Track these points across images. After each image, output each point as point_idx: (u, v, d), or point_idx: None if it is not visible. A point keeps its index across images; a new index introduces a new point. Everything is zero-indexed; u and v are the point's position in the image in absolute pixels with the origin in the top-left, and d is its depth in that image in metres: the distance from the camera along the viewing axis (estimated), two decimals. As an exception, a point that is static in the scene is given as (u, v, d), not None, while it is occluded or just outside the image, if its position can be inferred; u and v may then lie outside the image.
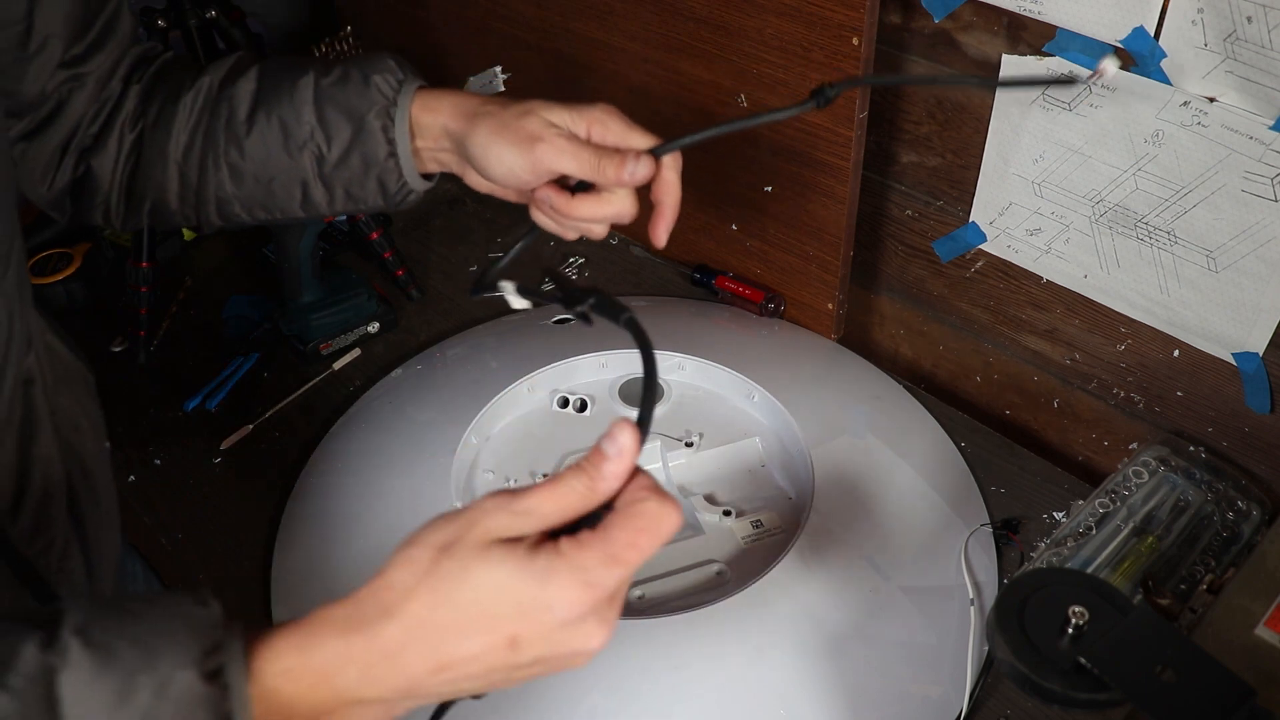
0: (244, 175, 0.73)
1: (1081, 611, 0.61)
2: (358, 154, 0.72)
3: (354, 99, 0.71)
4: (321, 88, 0.72)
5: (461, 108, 0.71)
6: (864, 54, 0.90)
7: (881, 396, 1.04)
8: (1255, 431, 0.90)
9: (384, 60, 0.72)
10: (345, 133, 0.71)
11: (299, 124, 0.71)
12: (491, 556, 0.43)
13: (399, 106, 0.71)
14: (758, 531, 0.91)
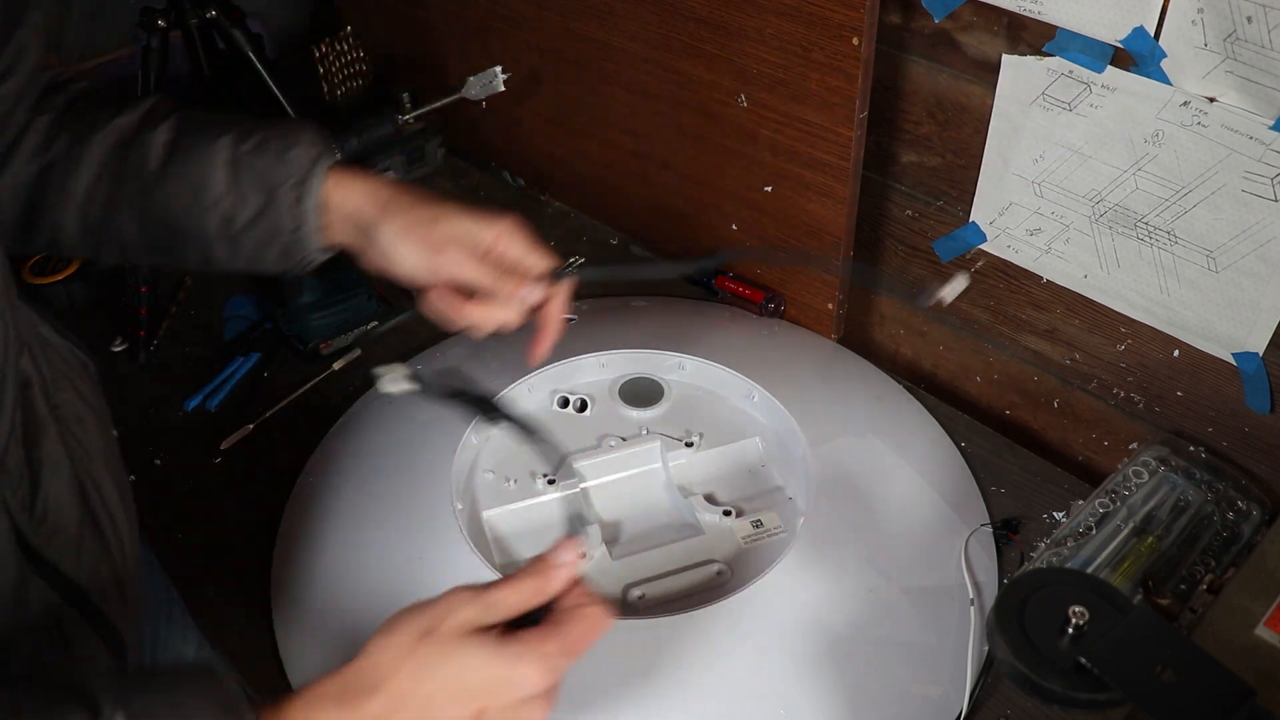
0: (148, 224, 0.72)
1: (1081, 611, 0.61)
2: (265, 223, 0.72)
3: (270, 169, 0.71)
4: (239, 153, 0.71)
5: (374, 195, 0.72)
6: (864, 54, 0.90)
7: (881, 396, 1.04)
8: (1255, 431, 0.90)
9: (304, 132, 0.73)
10: (256, 201, 0.71)
11: (211, 185, 0.71)
12: (470, 643, 0.52)
13: (312, 182, 0.71)
14: (758, 531, 0.91)
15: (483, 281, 0.71)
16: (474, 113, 1.33)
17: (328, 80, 1.36)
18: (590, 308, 1.14)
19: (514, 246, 0.73)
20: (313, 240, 0.73)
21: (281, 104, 1.17)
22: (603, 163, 1.24)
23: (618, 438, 0.97)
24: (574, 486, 0.94)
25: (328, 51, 1.35)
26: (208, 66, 1.19)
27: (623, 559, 0.88)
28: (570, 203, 1.33)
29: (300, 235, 0.72)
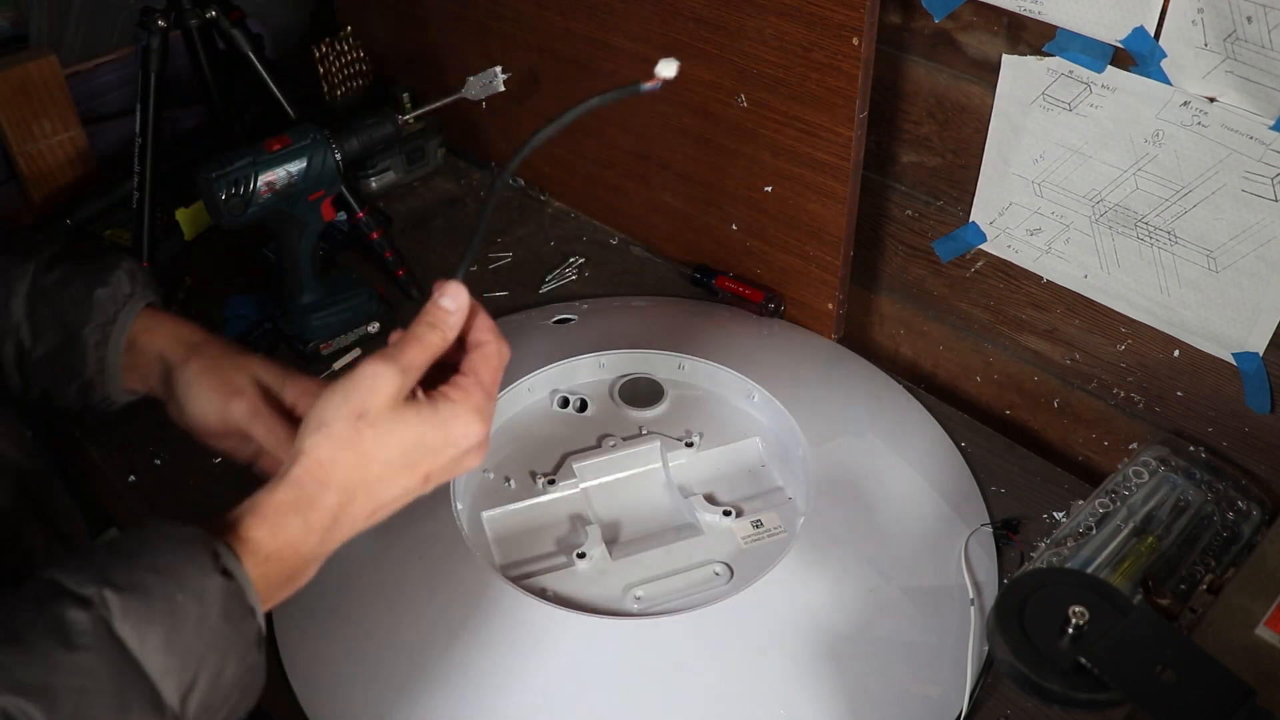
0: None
1: (1081, 611, 0.61)
2: (63, 362, 0.69)
3: (71, 307, 0.68)
4: (40, 285, 0.69)
5: (181, 337, 0.70)
6: (864, 54, 0.90)
7: (881, 396, 1.04)
8: (1255, 431, 0.90)
9: (114, 271, 0.70)
10: (54, 338, 0.69)
11: (7, 313, 0.68)
12: (405, 417, 0.55)
13: (117, 326, 0.69)
14: (758, 531, 0.91)
15: (268, 439, 0.67)
16: (474, 113, 1.33)
17: (328, 80, 1.36)
18: (590, 308, 1.14)
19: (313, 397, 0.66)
20: (114, 383, 0.70)
21: (281, 104, 1.17)
22: (603, 163, 1.24)
23: (618, 438, 0.97)
24: (574, 487, 0.94)
25: (328, 51, 1.35)
26: (208, 66, 1.19)
27: (623, 559, 0.88)
28: (570, 203, 1.33)
29: (102, 379, 0.70)
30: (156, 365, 0.70)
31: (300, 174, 1.00)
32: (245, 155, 0.99)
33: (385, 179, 1.36)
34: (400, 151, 1.35)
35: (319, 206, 1.04)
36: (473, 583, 0.82)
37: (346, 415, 0.54)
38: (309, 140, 1.01)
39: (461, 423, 0.56)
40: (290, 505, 0.54)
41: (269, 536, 0.54)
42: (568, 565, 0.88)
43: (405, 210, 1.34)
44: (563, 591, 0.86)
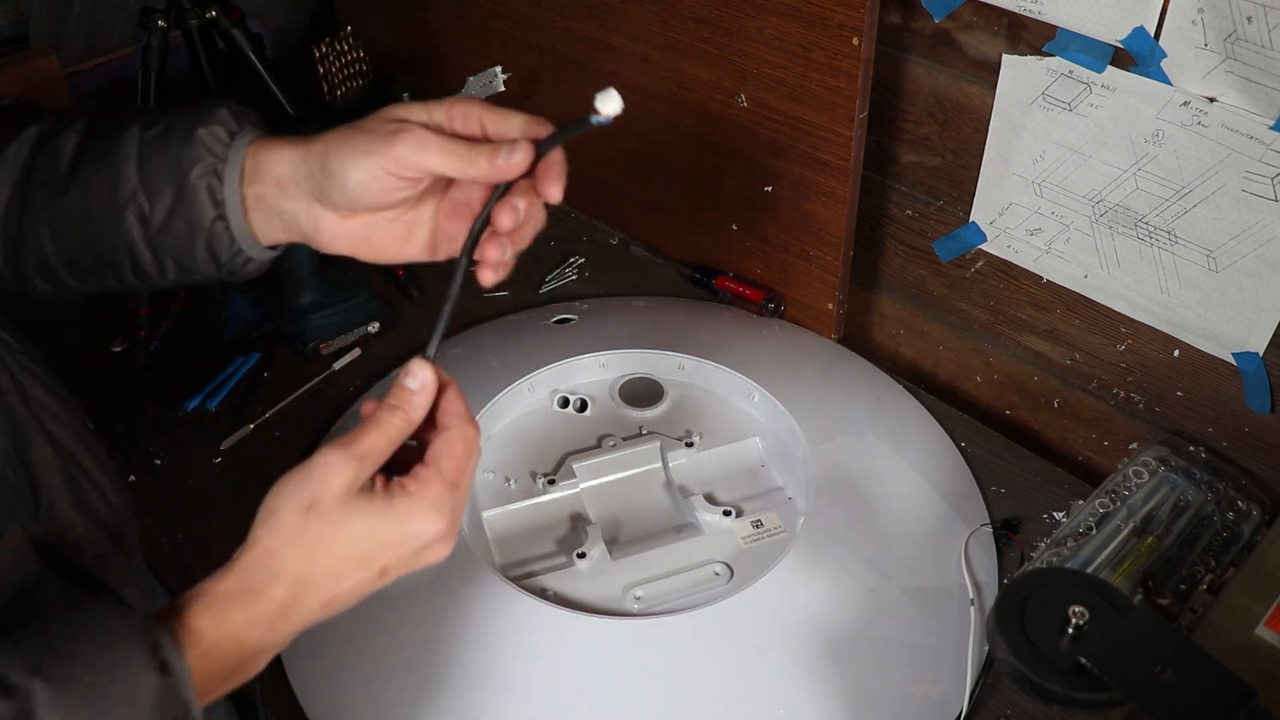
0: (65, 236, 0.64)
1: (1082, 611, 0.61)
2: (182, 218, 0.63)
3: (177, 155, 0.62)
4: (145, 141, 0.63)
5: (304, 141, 0.61)
6: (864, 54, 0.90)
7: (881, 396, 1.04)
8: (1255, 431, 0.90)
9: (215, 110, 0.63)
10: (168, 194, 0.62)
11: (122, 181, 0.63)
12: (358, 510, 0.52)
13: (229, 164, 0.62)
14: (758, 531, 0.91)
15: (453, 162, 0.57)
16: (474, 113, 1.33)
17: (328, 80, 1.36)
18: (590, 308, 1.14)
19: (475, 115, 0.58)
20: (241, 230, 0.63)
21: (282, 104, 1.17)
22: (603, 163, 1.24)
23: (618, 438, 0.97)
24: (574, 486, 0.94)
25: (328, 51, 1.35)
26: (208, 66, 1.19)
27: (623, 559, 0.88)
28: (570, 203, 1.33)
29: (225, 225, 0.63)
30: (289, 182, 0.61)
31: (300, 174, 1.00)
32: (245, 155, 0.98)
33: (385, 179, 1.36)
34: (400, 151, 1.35)
35: (319, 206, 1.04)
36: (473, 583, 0.82)
37: (295, 506, 0.52)
38: (309, 140, 1.01)
39: (419, 518, 0.53)
40: (236, 595, 0.52)
41: (213, 626, 0.51)
42: (568, 565, 0.88)
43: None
44: (563, 591, 0.86)
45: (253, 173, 0.62)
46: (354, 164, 0.57)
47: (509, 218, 0.57)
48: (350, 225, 0.61)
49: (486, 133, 0.58)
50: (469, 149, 0.56)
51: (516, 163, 0.57)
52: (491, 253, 0.59)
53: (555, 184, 0.60)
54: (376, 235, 0.61)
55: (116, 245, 0.64)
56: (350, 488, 0.52)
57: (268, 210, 0.62)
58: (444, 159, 0.56)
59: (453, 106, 0.58)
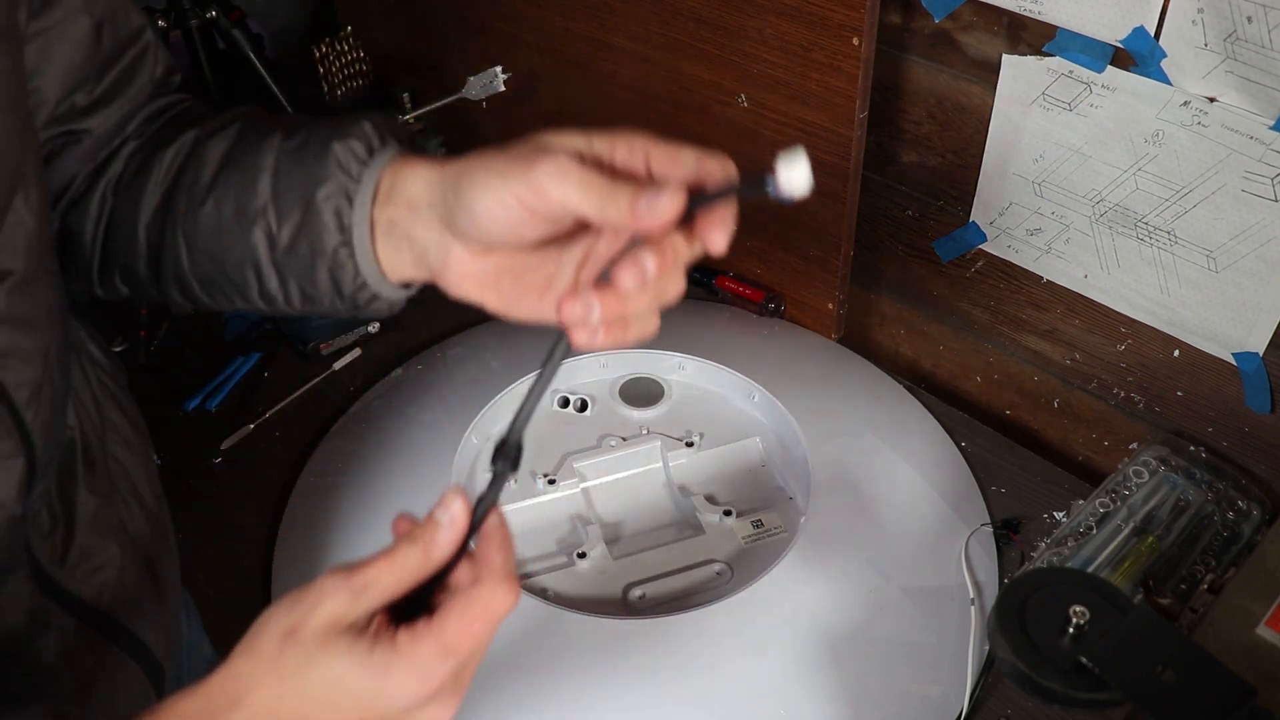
0: (196, 250, 0.60)
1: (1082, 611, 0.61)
2: (306, 240, 0.57)
3: (309, 171, 0.56)
4: (282, 153, 0.58)
5: (445, 160, 0.54)
6: (864, 54, 0.90)
7: (881, 396, 1.04)
8: (1255, 431, 0.90)
9: (357, 123, 0.56)
10: (296, 213, 0.57)
11: (254, 195, 0.58)
12: (334, 648, 0.44)
13: (362, 184, 0.55)
14: (758, 531, 0.91)
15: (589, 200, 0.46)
16: (474, 113, 1.33)
17: (328, 80, 1.36)
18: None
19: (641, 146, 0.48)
20: (368, 261, 0.56)
21: (282, 104, 1.17)
22: (603, 163, 1.24)
23: (618, 438, 0.97)
24: (574, 486, 0.94)
25: (328, 51, 1.35)
26: (208, 66, 1.19)
27: (623, 559, 0.88)
28: (570, 203, 1.33)
29: (349, 254, 0.56)
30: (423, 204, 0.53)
31: (300, 174, 1.00)
32: (245, 155, 0.99)
33: (385, 179, 1.36)
34: (400, 152, 1.35)
35: (319, 206, 1.04)
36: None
37: (278, 630, 0.45)
38: (309, 140, 1.01)
39: (397, 677, 0.45)
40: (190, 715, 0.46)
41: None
42: (568, 565, 0.88)
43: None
44: (563, 591, 0.86)
45: (388, 193, 0.55)
46: (485, 187, 0.49)
47: (632, 276, 0.45)
48: (481, 265, 0.52)
49: (651, 170, 0.48)
50: (611, 187, 0.46)
51: (660, 213, 0.45)
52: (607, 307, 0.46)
53: (717, 229, 0.47)
54: (510, 282, 0.53)
55: (243, 263, 0.59)
56: (337, 621, 0.45)
57: (398, 237, 0.55)
58: (582, 194, 0.46)
59: (618, 137, 0.49)
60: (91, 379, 0.63)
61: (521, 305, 0.54)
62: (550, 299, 0.52)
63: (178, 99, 0.66)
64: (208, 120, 0.62)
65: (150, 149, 0.61)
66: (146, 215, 0.61)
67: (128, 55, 0.61)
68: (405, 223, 0.54)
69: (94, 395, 0.63)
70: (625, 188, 0.46)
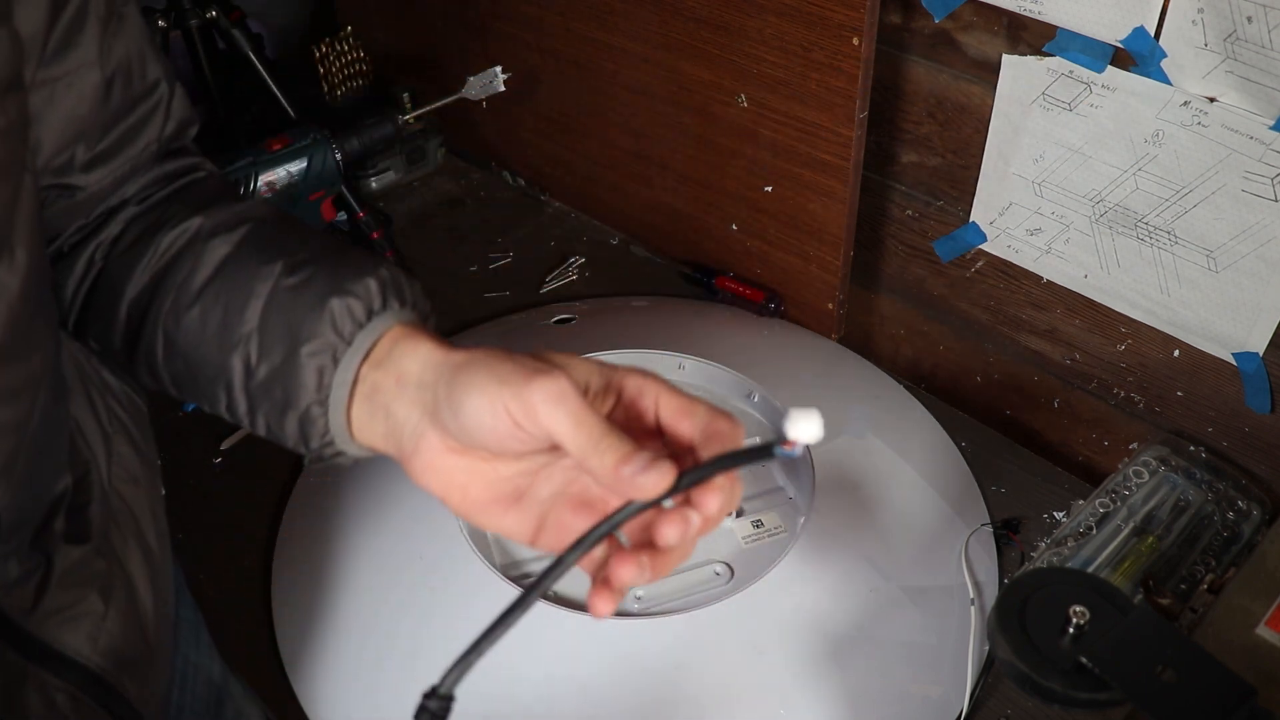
0: (174, 350, 0.58)
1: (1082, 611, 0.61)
2: (281, 386, 0.54)
3: (301, 318, 0.53)
4: (279, 288, 0.54)
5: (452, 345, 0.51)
6: (864, 54, 0.90)
7: (881, 396, 1.04)
8: (1255, 431, 0.90)
9: (363, 278, 0.53)
10: (278, 354, 0.54)
11: (241, 320, 0.55)
12: None
13: (352, 348, 0.52)
14: (758, 531, 0.91)
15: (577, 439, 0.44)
16: (474, 113, 1.33)
17: (328, 80, 1.36)
18: (590, 308, 1.14)
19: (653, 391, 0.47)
20: (338, 422, 0.53)
21: (282, 104, 1.17)
22: (603, 163, 1.24)
23: (618, 438, 0.97)
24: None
25: (328, 51, 1.35)
26: (208, 66, 1.19)
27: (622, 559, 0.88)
28: (570, 203, 1.33)
29: (323, 413, 0.53)
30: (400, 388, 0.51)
31: (301, 174, 1.01)
32: (246, 155, 0.99)
33: (385, 179, 1.36)
34: (400, 151, 1.36)
35: (319, 206, 1.05)
36: (473, 583, 0.82)
37: None
38: (309, 140, 1.01)
39: None
40: None
41: None
42: (568, 565, 0.87)
43: (405, 210, 1.34)
44: (563, 591, 0.86)
45: (382, 359, 0.52)
46: (479, 389, 0.46)
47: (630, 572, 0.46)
48: (453, 462, 0.49)
49: (659, 420, 0.47)
50: (603, 435, 0.44)
51: (644, 485, 0.44)
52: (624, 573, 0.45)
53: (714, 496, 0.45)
54: (477, 487, 0.50)
55: (217, 379, 0.57)
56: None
57: (377, 406, 0.52)
58: (572, 430, 0.44)
59: (632, 374, 0.47)
60: (100, 409, 0.61)
61: (484, 514, 0.51)
62: (515, 515, 0.50)
63: (191, 164, 0.63)
64: (216, 208, 0.59)
65: (150, 224, 0.59)
66: (133, 292, 0.59)
67: (137, 112, 0.58)
68: (389, 394, 0.51)
69: (102, 428, 0.60)
70: (618, 443, 0.44)
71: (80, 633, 0.56)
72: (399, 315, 0.53)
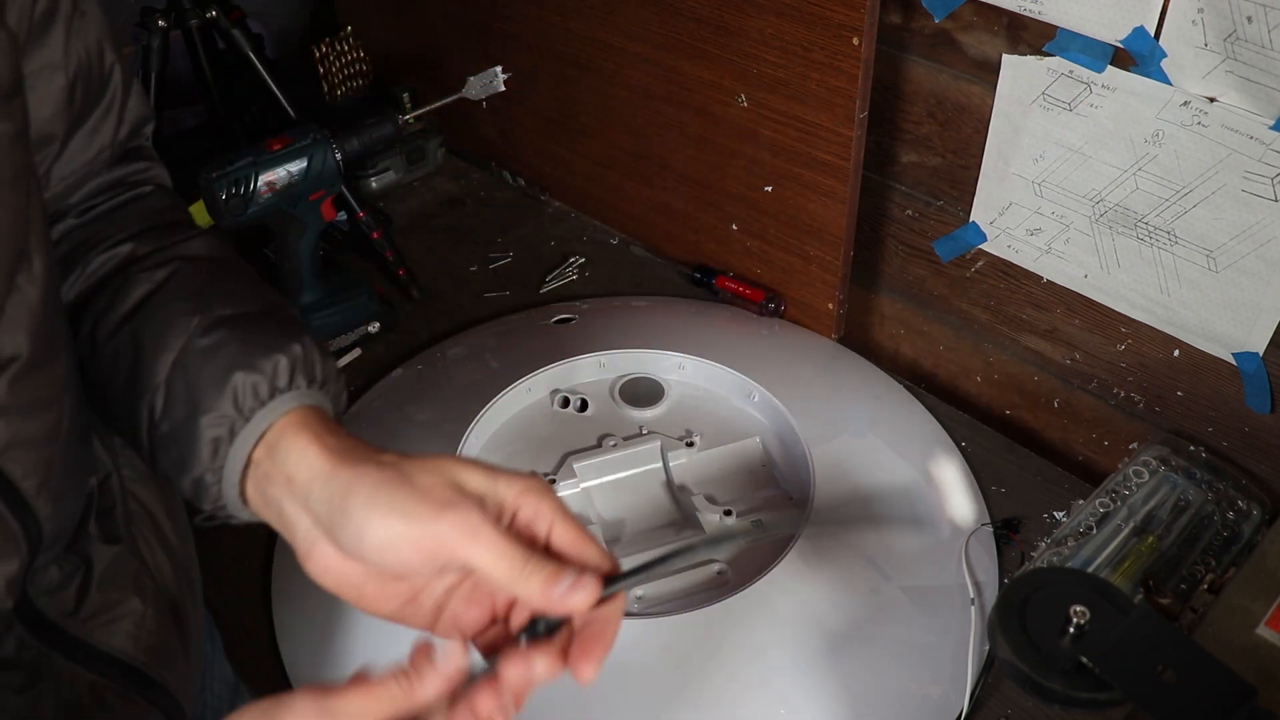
0: (90, 378, 0.57)
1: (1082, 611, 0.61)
2: (177, 447, 0.52)
3: (205, 385, 0.51)
4: (190, 346, 0.53)
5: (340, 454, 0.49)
6: (864, 54, 0.90)
7: (881, 396, 1.04)
8: (1255, 431, 0.90)
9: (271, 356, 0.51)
10: (179, 412, 0.52)
11: (151, 372, 0.53)
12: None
13: (250, 424, 0.51)
14: (758, 531, 0.91)
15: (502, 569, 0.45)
16: (474, 113, 1.33)
17: (328, 80, 1.36)
18: (590, 308, 1.14)
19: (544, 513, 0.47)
20: (231, 494, 0.52)
21: (282, 104, 1.17)
22: (603, 163, 1.24)
23: (618, 437, 0.97)
24: (574, 486, 0.94)
25: (328, 51, 1.35)
26: (208, 66, 1.19)
27: (623, 559, 0.88)
28: (570, 203, 1.33)
29: (217, 485, 0.52)
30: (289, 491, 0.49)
31: (301, 174, 1.01)
32: (246, 155, 0.99)
33: (385, 179, 1.36)
34: (400, 151, 1.36)
35: (319, 206, 1.05)
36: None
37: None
38: (309, 140, 1.01)
39: None
40: None
41: None
42: (568, 565, 0.87)
43: (405, 210, 1.34)
44: (563, 591, 0.86)
45: (274, 442, 0.51)
46: (381, 523, 0.46)
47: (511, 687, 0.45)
48: (348, 568, 0.48)
49: (550, 541, 0.47)
50: (526, 562, 0.45)
51: (574, 603, 0.45)
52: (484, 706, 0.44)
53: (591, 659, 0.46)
54: (374, 589, 0.50)
55: (123, 417, 0.55)
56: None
57: (269, 497, 0.50)
58: (494, 563, 0.45)
59: (525, 493, 0.47)
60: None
61: (379, 607, 0.51)
62: (411, 611, 0.51)
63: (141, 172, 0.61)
64: (150, 235, 0.58)
65: (84, 241, 0.57)
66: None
67: (93, 116, 0.56)
68: (279, 491, 0.50)
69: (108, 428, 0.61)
70: (539, 567, 0.45)
71: (123, 632, 0.57)
72: (304, 397, 0.52)
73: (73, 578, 0.55)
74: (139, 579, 0.59)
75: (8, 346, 0.46)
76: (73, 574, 0.55)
